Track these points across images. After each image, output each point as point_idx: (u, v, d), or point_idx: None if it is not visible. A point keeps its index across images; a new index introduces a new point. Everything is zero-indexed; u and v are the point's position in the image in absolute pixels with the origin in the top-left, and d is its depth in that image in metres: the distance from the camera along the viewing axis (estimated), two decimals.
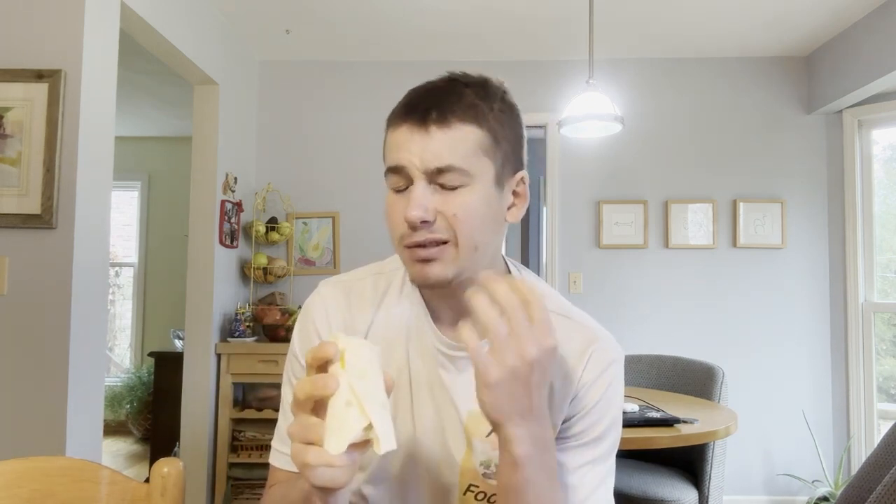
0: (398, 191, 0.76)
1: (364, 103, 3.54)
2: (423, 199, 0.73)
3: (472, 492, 0.79)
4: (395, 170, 0.75)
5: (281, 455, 0.83)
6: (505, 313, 0.61)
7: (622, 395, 0.83)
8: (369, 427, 0.56)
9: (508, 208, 0.79)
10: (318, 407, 0.59)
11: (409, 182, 0.74)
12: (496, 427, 0.64)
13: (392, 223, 0.77)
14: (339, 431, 0.56)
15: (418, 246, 0.74)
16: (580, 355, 0.80)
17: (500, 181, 0.77)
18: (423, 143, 0.73)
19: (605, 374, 0.80)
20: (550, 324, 0.62)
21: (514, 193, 0.80)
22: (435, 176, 0.73)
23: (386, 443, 0.56)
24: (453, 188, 0.73)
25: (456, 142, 0.73)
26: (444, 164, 0.72)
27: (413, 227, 0.73)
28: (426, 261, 0.74)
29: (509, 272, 0.86)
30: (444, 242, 0.74)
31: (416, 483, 0.80)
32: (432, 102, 0.74)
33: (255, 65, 3.58)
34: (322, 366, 0.59)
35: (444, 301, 0.81)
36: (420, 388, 0.81)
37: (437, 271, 0.74)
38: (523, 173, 0.81)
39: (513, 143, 0.78)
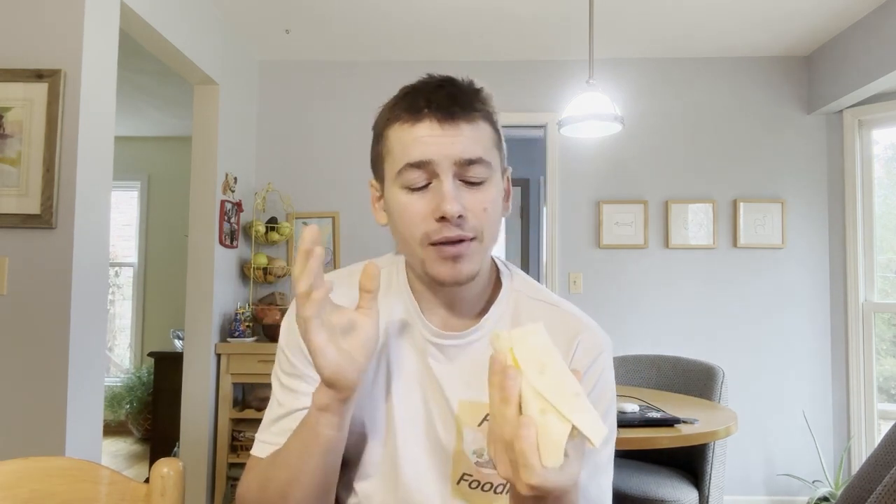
0: (414, 189, 0.75)
1: (364, 103, 3.54)
2: (456, 194, 0.73)
3: (466, 480, 0.80)
4: (418, 165, 0.74)
5: (266, 446, 0.83)
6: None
7: (614, 383, 0.84)
8: (574, 428, 0.53)
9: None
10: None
11: (432, 178, 0.74)
12: None
13: (412, 222, 0.75)
14: (548, 444, 0.53)
15: (445, 243, 0.74)
16: (567, 344, 0.81)
17: (502, 175, 0.82)
18: (453, 136, 0.73)
19: (597, 362, 0.81)
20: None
21: (504, 189, 0.84)
22: (464, 169, 0.74)
23: (595, 434, 0.53)
24: (478, 183, 0.75)
25: (480, 136, 0.76)
26: (475, 156, 0.74)
27: (448, 222, 0.72)
28: (456, 258, 0.74)
29: (498, 270, 0.87)
30: (472, 239, 0.75)
31: (407, 475, 0.80)
32: (451, 98, 0.75)
33: (255, 65, 3.58)
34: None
35: (435, 294, 0.82)
36: (409, 379, 0.82)
37: (467, 269, 0.75)
38: (510, 169, 0.86)
39: (504, 141, 0.83)
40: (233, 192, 3.19)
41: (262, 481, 0.77)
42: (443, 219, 0.73)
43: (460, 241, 0.74)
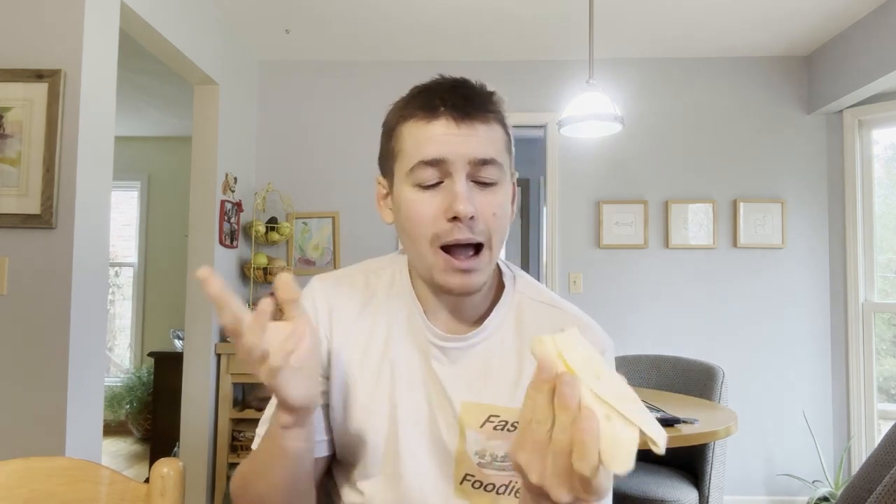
0: (426, 187, 0.74)
1: (364, 103, 3.54)
2: (468, 194, 0.72)
3: (469, 481, 0.80)
4: (432, 163, 0.73)
5: None
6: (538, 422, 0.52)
7: None
8: (639, 433, 0.50)
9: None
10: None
11: (445, 177, 0.74)
12: None
13: (421, 222, 0.74)
14: (619, 450, 0.49)
15: (456, 246, 0.73)
16: None
17: (510, 179, 0.81)
18: (468, 136, 0.73)
19: None
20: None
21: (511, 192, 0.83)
22: (477, 169, 0.73)
23: (660, 438, 0.51)
24: (490, 184, 0.75)
25: (494, 138, 0.76)
26: (489, 157, 0.74)
27: (459, 222, 0.72)
28: (468, 272, 0.74)
29: (501, 273, 0.87)
30: (480, 245, 0.74)
31: (411, 475, 0.80)
32: (466, 99, 0.75)
33: (255, 65, 3.58)
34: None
35: (439, 297, 0.82)
36: (412, 380, 0.82)
37: (476, 281, 0.75)
38: (517, 174, 0.85)
39: (513, 145, 0.83)
40: (233, 192, 3.19)
41: (243, 485, 0.78)
42: (454, 219, 0.72)
43: (471, 248, 0.73)
